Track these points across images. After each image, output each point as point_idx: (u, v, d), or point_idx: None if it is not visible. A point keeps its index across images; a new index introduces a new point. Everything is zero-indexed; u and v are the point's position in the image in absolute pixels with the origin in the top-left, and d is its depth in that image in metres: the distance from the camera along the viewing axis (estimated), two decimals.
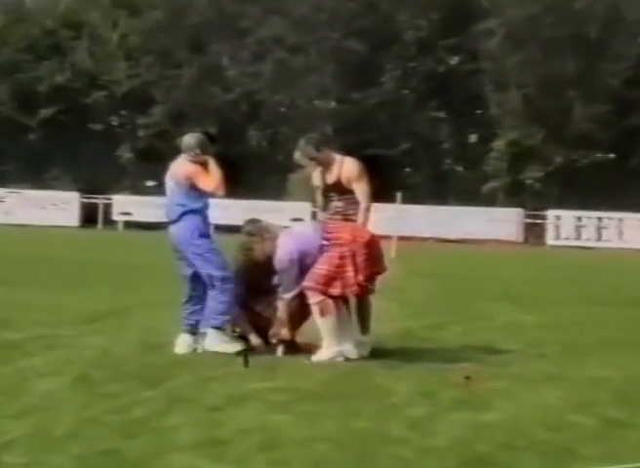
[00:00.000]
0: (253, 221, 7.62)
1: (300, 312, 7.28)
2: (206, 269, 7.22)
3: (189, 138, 7.39)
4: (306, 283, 7.09)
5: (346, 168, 7.64)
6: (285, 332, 7.27)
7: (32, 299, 10.41)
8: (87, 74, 39.09)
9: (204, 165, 7.28)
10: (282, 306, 7.27)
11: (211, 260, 7.22)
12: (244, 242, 7.48)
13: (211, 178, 7.24)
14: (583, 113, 34.91)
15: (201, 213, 7.34)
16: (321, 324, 7.09)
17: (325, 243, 7.15)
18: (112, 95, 39.02)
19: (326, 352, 7.07)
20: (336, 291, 7.05)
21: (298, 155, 7.73)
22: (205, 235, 7.31)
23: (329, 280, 7.05)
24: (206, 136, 7.54)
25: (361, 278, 7.07)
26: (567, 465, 4.53)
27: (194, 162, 7.30)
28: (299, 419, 5.18)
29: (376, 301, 7.68)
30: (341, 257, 7.06)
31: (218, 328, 7.16)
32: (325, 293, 7.06)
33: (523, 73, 35.51)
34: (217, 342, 7.12)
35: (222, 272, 7.21)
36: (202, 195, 7.30)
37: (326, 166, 7.68)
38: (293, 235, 7.32)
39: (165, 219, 7.52)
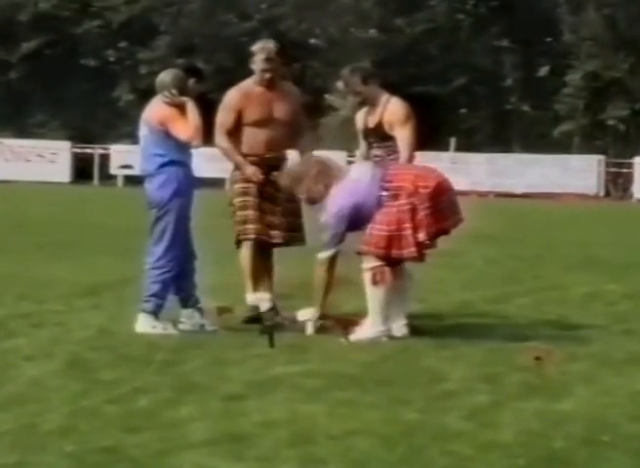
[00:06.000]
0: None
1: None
2: (162, 240, 7.26)
3: (164, 76, 7.35)
4: (362, 246, 7.06)
5: (390, 109, 7.59)
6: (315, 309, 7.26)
7: (15, 269, 10.50)
8: (77, 0, 39.09)
9: (182, 108, 7.25)
10: (318, 270, 7.24)
11: (167, 235, 7.25)
12: (294, 172, 7.39)
13: (186, 125, 7.20)
14: None
15: (184, 165, 7.33)
16: (371, 294, 7.07)
17: (384, 193, 7.08)
18: (108, 24, 39.05)
19: (368, 330, 7.06)
20: (395, 252, 7.01)
21: (340, 86, 7.71)
22: (187, 193, 7.33)
23: (388, 242, 7.01)
24: (189, 72, 7.51)
25: (422, 237, 6.99)
26: None
27: (170, 104, 7.26)
28: (334, 410, 5.20)
29: (427, 269, 7.66)
30: (399, 212, 7.02)
31: (148, 312, 7.27)
32: (383, 258, 7.02)
33: None
34: (146, 328, 7.24)
35: (168, 250, 7.25)
36: (182, 143, 7.27)
37: (371, 105, 7.64)
38: (348, 184, 7.24)
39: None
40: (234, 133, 7.80)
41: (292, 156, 7.70)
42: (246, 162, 7.78)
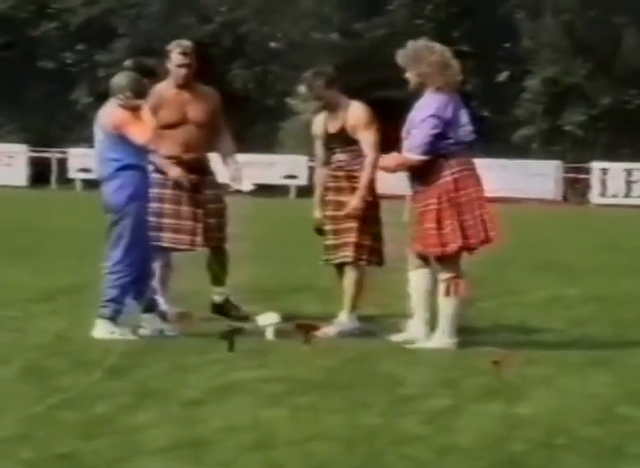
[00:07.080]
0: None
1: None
2: (119, 244, 7.22)
3: (120, 78, 7.31)
4: (417, 246, 7.08)
5: (353, 113, 7.60)
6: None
7: None
8: (34, 1, 38.82)
9: (137, 111, 7.23)
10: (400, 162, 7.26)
11: (125, 239, 7.21)
12: (412, 50, 7.50)
13: (142, 128, 7.17)
14: (636, 43, 34.74)
15: (140, 168, 7.31)
16: (442, 304, 7.05)
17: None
18: (65, 26, 38.80)
19: (438, 340, 7.02)
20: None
21: (302, 89, 7.80)
22: (144, 197, 7.30)
23: (439, 240, 7.03)
24: (142, 72, 7.48)
25: (471, 239, 7.09)
26: (615, 466, 4.54)
27: (125, 107, 7.23)
28: (295, 414, 5.20)
29: (389, 273, 7.67)
30: (444, 209, 7.13)
31: (106, 318, 7.24)
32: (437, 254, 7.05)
33: None
34: (105, 333, 7.21)
35: (126, 255, 7.21)
36: (138, 147, 7.24)
37: (331, 110, 7.65)
38: (448, 96, 7.29)
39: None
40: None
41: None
42: (169, 163, 7.81)
